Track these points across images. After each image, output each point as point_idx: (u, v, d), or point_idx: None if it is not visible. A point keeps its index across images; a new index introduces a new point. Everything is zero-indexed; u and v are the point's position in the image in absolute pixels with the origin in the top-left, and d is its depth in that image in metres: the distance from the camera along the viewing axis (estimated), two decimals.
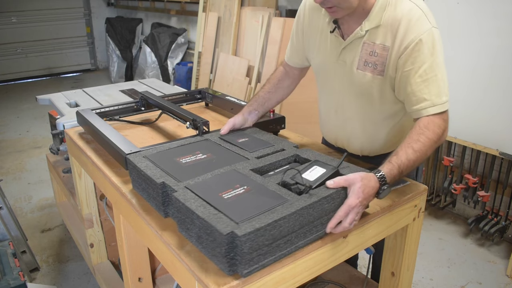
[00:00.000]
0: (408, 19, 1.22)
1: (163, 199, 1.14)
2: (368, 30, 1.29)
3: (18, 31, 7.09)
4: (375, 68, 1.31)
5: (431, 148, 1.21)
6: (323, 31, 1.43)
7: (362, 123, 1.46)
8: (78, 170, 1.99)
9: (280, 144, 1.39)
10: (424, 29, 1.21)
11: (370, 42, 1.30)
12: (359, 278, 1.75)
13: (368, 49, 1.31)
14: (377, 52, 1.29)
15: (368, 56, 1.31)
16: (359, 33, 1.31)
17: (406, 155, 1.17)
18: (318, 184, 1.06)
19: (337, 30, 1.37)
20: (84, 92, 2.52)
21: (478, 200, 2.76)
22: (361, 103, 1.41)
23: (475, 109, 2.49)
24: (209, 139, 1.45)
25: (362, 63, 1.33)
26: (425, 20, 1.22)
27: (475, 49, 2.44)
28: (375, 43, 1.29)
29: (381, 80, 1.31)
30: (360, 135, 1.49)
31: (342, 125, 1.52)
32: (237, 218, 0.93)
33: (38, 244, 2.77)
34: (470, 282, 2.42)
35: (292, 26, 1.61)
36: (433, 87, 1.23)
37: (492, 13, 2.34)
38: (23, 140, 4.62)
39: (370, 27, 1.29)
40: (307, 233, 1.01)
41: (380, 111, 1.41)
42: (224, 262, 0.91)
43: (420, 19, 1.22)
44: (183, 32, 5.81)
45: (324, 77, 1.50)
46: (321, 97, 1.58)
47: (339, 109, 1.49)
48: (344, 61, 1.38)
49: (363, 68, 1.33)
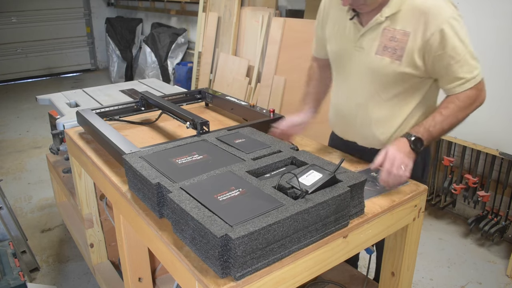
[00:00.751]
0: (429, 7, 1.29)
1: (158, 200, 1.14)
2: (388, 16, 1.35)
3: (18, 31, 7.09)
4: (394, 53, 1.36)
5: (462, 113, 1.36)
6: (341, 19, 1.49)
7: (373, 109, 1.47)
8: (78, 170, 1.99)
9: (277, 145, 1.39)
10: (445, 16, 1.28)
11: (391, 28, 1.36)
12: (359, 278, 1.75)
13: (388, 35, 1.37)
14: (397, 38, 1.35)
15: (388, 41, 1.37)
16: (379, 19, 1.37)
17: (433, 117, 1.36)
18: (314, 189, 1.06)
19: (356, 17, 1.43)
20: (84, 92, 2.52)
21: (478, 200, 2.76)
22: (374, 88, 1.44)
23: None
24: (206, 139, 1.45)
25: (381, 48, 1.38)
26: (445, 7, 1.29)
27: (475, 48, 2.44)
28: (396, 28, 1.35)
29: (399, 65, 1.36)
30: (371, 122, 1.49)
31: (354, 113, 1.52)
32: (232, 221, 0.93)
33: (38, 244, 2.77)
34: (470, 282, 2.42)
35: (292, 25, 1.64)
36: (465, 65, 1.32)
37: (491, 13, 2.34)
38: (23, 140, 4.62)
39: (390, 13, 1.35)
40: (301, 238, 1.01)
41: (393, 96, 1.43)
42: (218, 264, 0.91)
43: (440, 6, 1.29)
44: (183, 32, 5.81)
45: (340, 64, 1.54)
46: (335, 87, 1.62)
47: (352, 95, 1.51)
48: (361, 47, 1.43)
49: (382, 53, 1.38)
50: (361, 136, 1.55)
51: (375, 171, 1.40)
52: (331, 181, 1.09)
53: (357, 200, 1.15)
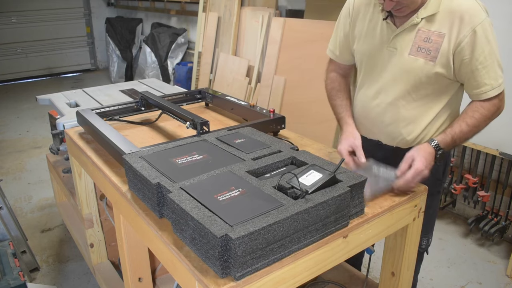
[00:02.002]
0: (465, 10, 1.31)
1: (158, 200, 1.14)
2: (424, 17, 1.37)
3: (18, 31, 7.09)
4: (428, 54, 1.37)
5: (485, 123, 1.39)
6: (372, 19, 1.49)
7: (403, 109, 1.47)
8: (78, 170, 1.99)
9: (277, 145, 1.39)
10: (479, 19, 1.30)
11: (425, 29, 1.37)
12: (359, 278, 1.75)
13: (422, 36, 1.38)
14: (432, 39, 1.36)
15: (422, 42, 1.38)
16: (415, 20, 1.38)
17: (460, 127, 1.38)
18: (314, 189, 1.06)
19: (389, 18, 1.43)
20: (84, 92, 2.52)
21: (478, 200, 2.76)
22: (406, 88, 1.45)
23: None
24: (206, 139, 1.45)
25: (415, 49, 1.39)
26: (480, 11, 1.31)
27: None
28: (431, 30, 1.36)
29: (432, 67, 1.37)
30: (399, 121, 1.50)
31: (382, 112, 1.52)
32: (232, 221, 0.93)
33: (38, 244, 2.77)
34: (470, 282, 2.42)
35: (292, 25, 1.62)
36: (492, 72, 1.34)
37: (491, 13, 2.33)
38: (23, 140, 4.62)
39: (427, 15, 1.36)
40: (301, 238, 1.01)
41: (423, 97, 1.44)
42: (218, 264, 0.91)
43: (475, 10, 1.31)
44: (183, 32, 5.81)
45: (370, 64, 1.54)
46: (362, 87, 1.60)
47: (381, 95, 1.51)
48: (394, 47, 1.44)
49: (416, 54, 1.39)
50: (387, 135, 1.55)
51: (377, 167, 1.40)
52: (331, 181, 1.09)
53: (357, 200, 1.15)
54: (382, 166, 1.37)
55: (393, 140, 1.55)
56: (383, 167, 1.36)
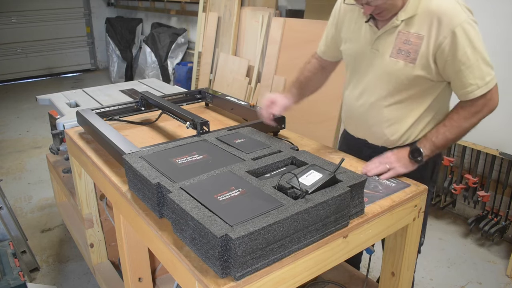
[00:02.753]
0: (443, 12, 1.30)
1: (158, 200, 1.14)
2: (404, 19, 1.37)
3: (18, 31, 7.09)
4: (408, 56, 1.38)
5: (467, 121, 1.39)
6: (357, 21, 1.51)
7: (386, 109, 1.48)
8: (78, 170, 1.99)
9: (277, 145, 1.39)
10: (458, 20, 1.29)
11: (405, 31, 1.38)
12: (359, 278, 1.75)
13: (402, 38, 1.38)
14: (411, 41, 1.36)
15: (402, 44, 1.38)
16: (395, 23, 1.38)
17: (436, 129, 1.42)
18: (314, 189, 1.06)
19: (371, 20, 1.44)
20: (84, 92, 2.52)
21: (478, 200, 2.76)
22: (388, 90, 1.46)
23: None
24: (206, 139, 1.45)
25: (395, 51, 1.40)
26: (459, 11, 1.30)
27: None
28: (410, 32, 1.37)
29: (412, 68, 1.38)
30: (382, 122, 1.51)
31: (366, 112, 1.54)
32: (232, 221, 0.93)
33: (38, 244, 2.77)
34: (470, 282, 2.42)
35: (292, 25, 1.64)
36: (476, 71, 1.32)
37: (491, 13, 2.34)
38: (23, 140, 4.62)
39: (406, 17, 1.36)
40: (301, 238, 1.01)
41: (405, 98, 1.45)
42: (218, 264, 0.91)
43: (454, 10, 1.30)
44: (183, 32, 5.81)
45: (355, 65, 1.56)
46: (349, 86, 1.62)
47: (365, 95, 1.53)
48: (377, 49, 1.45)
49: (396, 56, 1.40)
50: (372, 134, 1.57)
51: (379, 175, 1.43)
52: (331, 181, 1.09)
53: (357, 200, 1.15)
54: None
55: (378, 139, 1.56)
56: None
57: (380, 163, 1.42)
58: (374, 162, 1.44)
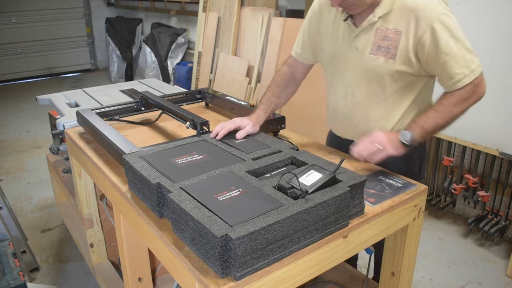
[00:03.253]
0: (419, 7, 1.30)
1: (158, 200, 1.14)
2: (381, 16, 1.36)
3: (18, 31, 7.09)
4: (387, 52, 1.37)
5: (458, 107, 1.36)
6: (335, 21, 1.50)
7: (371, 107, 1.48)
8: (78, 170, 1.99)
9: (277, 145, 1.39)
10: (436, 14, 1.28)
11: (383, 28, 1.38)
12: (359, 278, 1.75)
13: (381, 34, 1.38)
14: (390, 37, 1.36)
15: (381, 41, 1.38)
16: (372, 20, 1.38)
17: (426, 114, 1.38)
18: (314, 189, 1.06)
19: (350, 19, 1.44)
20: (84, 92, 2.52)
21: (478, 200, 2.76)
22: (371, 87, 1.45)
23: (475, 109, 2.48)
24: (206, 139, 1.45)
25: (375, 48, 1.40)
26: (435, 4, 1.29)
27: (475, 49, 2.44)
28: (388, 28, 1.37)
29: (393, 64, 1.37)
30: (368, 121, 1.50)
31: (351, 112, 1.53)
32: (232, 221, 0.93)
33: (38, 244, 2.77)
34: (470, 282, 2.42)
35: (292, 25, 1.63)
36: (461, 60, 1.31)
37: (491, 13, 2.34)
38: (23, 140, 4.62)
39: (383, 13, 1.36)
40: (301, 238, 1.01)
41: (389, 95, 1.44)
42: (218, 264, 0.91)
43: (430, 4, 1.29)
44: (183, 32, 5.80)
45: (335, 66, 1.54)
46: (331, 88, 1.61)
47: (348, 95, 1.52)
48: (356, 48, 1.44)
49: (376, 53, 1.40)
50: (359, 134, 1.55)
51: (383, 174, 1.42)
52: (331, 181, 1.09)
53: (357, 200, 1.15)
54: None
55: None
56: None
57: (371, 143, 1.36)
58: (364, 142, 1.37)
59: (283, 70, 1.72)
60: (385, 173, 1.43)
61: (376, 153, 1.35)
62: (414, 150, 1.53)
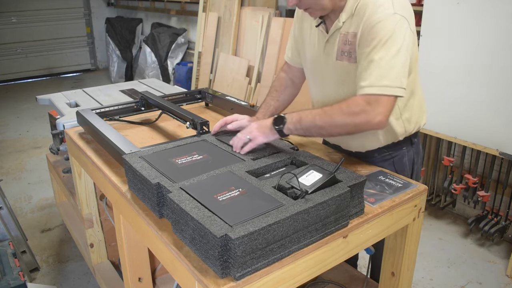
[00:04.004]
0: (372, 4, 1.25)
1: (158, 200, 1.14)
2: (345, 21, 1.34)
3: (18, 31, 7.09)
4: (350, 56, 1.35)
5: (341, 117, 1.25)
6: (312, 27, 1.48)
7: None
8: (78, 170, 1.99)
9: (277, 145, 1.38)
10: (384, 14, 1.22)
11: (345, 32, 1.35)
12: (359, 278, 1.75)
13: (343, 39, 1.36)
14: (350, 40, 1.33)
15: (343, 45, 1.36)
16: (338, 25, 1.36)
17: (311, 109, 1.34)
18: (314, 189, 1.06)
19: (322, 25, 1.42)
20: (84, 92, 2.52)
21: (478, 200, 2.76)
22: (343, 92, 1.42)
23: (475, 109, 2.49)
24: (206, 139, 1.45)
25: (339, 53, 1.38)
26: (388, 6, 1.23)
27: (475, 49, 2.44)
28: (349, 32, 1.34)
29: (356, 68, 1.32)
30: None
31: None
32: (231, 221, 0.93)
33: (38, 244, 2.78)
34: (470, 282, 2.42)
35: (291, 26, 1.63)
36: (376, 69, 1.21)
37: (492, 13, 2.34)
38: (23, 140, 4.62)
39: (346, 18, 1.33)
40: (301, 238, 1.01)
41: None
42: (217, 264, 0.91)
43: (383, 4, 1.23)
44: (183, 32, 5.81)
45: (312, 71, 1.54)
46: (312, 93, 1.61)
47: (326, 100, 1.50)
48: (328, 53, 1.42)
49: (341, 58, 1.38)
50: (343, 143, 1.56)
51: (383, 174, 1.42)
52: (331, 181, 1.09)
53: (357, 200, 1.15)
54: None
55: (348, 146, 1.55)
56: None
57: (242, 134, 1.36)
58: (238, 136, 1.37)
59: (281, 76, 1.71)
60: (385, 173, 1.43)
61: (247, 144, 1.35)
62: (403, 154, 1.52)
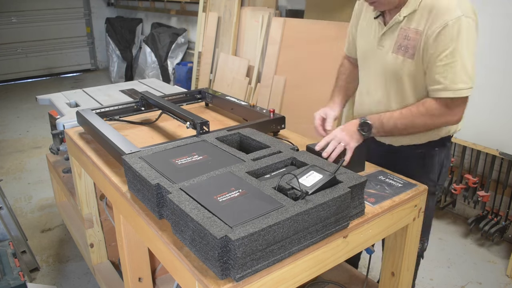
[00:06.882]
0: (439, 6, 1.30)
1: (158, 201, 1.13)
2: (406, 16, 1.38)
3: (18, 31, 7.08)
4: (406, 52, 1.38)
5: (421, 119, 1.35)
6: (369, 19, 1.53)
7: (391, 106, 1.49)
8: (78, 170, 1.99)
9: (277, 146, 1.38)
10: (452, 16, 1.27)
11: (406, 27, 1.39)
12: (359, 278, 1.75)
13: (403, 34, 1.39)
14: (410, 36, 1.37)
15: (402, 40, 1.40)
16: (398, 19, 1.39)
17: (391, 113, 1.40)
18: (314, 190, 1.05)
19: (380, 17, 1.47)
20: (84, 92, 2.52)
21: (478, 200, 2.76)
22: (390, 86, 1.47)
23: (475, 109, 2.48)
24: (206, 140, 1.45)
25: (396, 47, 1.41)
26: (455, 9, 1.28)
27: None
28: (410, 27, 1.38)
29: (411, 64, 1.38)
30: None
31: (373, 110, 1.54)
32: (231, 222, 0.93)
33: (38, 244, 2.77)
34: (470, 282, 2.42)
35: (292, 25, 1.64)
36: (450, 72, 1.29)
37: (492, 13, 2.34)
38: (23, 140, 4.62)
39: (408, 13, 1.37)
40: (301, 239, 1.01)
41: (409, 96, 1.44)
42: (217, 266, 0.91)
43: (450, 6, 1.28)
44: (183, 32, 5.80)
45: (364, 61, 1.58)
46: (360, 83, 1.65)
47: (372, 92, 1.55)
48: (383, 46, 1.47)
49: (397, 52, 1.41)
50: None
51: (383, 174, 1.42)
52: (331, 182, 1.09)
53: (358, 201, 1.15)
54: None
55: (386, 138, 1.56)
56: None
57: (337, 142, 1.39)
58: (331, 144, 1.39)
59: (344, 62, 1.77)
60: (385, 173, 1.43)
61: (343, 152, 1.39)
62: (435, 154, 1.54)
